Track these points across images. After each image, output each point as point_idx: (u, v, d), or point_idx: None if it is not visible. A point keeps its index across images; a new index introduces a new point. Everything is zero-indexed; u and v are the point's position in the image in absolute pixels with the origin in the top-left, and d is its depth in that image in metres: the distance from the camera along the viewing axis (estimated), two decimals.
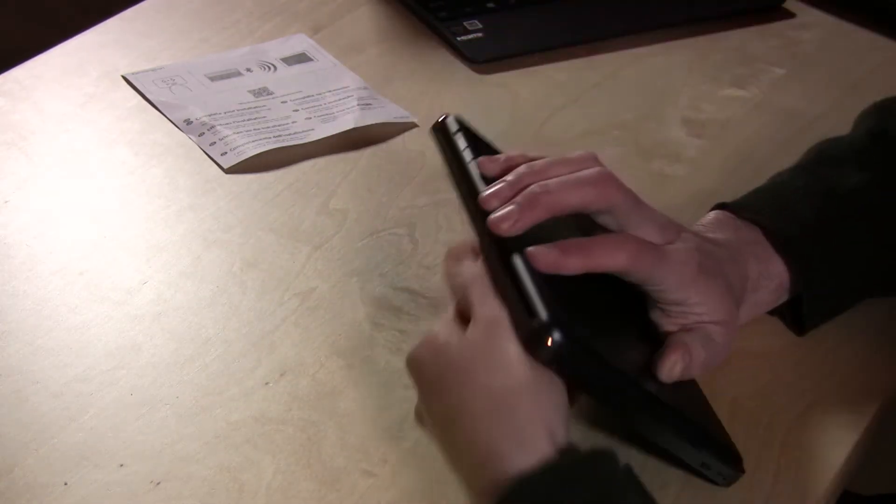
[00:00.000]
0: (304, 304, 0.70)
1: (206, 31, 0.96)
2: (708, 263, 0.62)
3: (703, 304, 0.61)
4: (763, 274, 0.66)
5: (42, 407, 0.62)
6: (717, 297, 0.61)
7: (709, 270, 0.61)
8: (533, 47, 0.96)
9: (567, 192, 0.58)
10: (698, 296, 0.61)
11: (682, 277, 0.60)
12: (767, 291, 0.67)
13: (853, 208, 0.68)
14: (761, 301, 0.67)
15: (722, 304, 0.62)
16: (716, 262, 0.63)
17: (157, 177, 0.80)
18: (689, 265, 0.60)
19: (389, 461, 0.60)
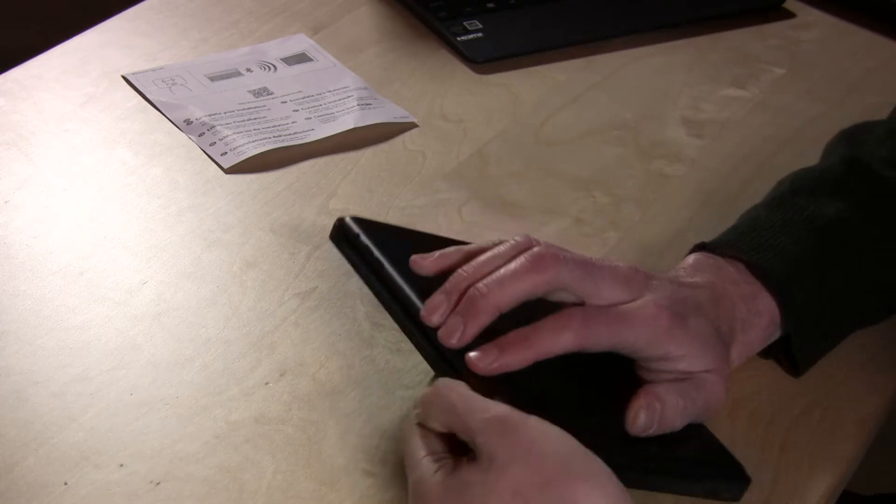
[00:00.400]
0: (304, 304, 0.70)
1: (206, 31, 0.96)
2: (685, 311, 0.59)
3: (686, 356, 0.58)
4: (752, 311, 0.64)
5: (42, 407, 0.62)
6: (700, 345, 0.59)
7: (686, 318, 0.59)
8: (533, 47, 0.96)
9: (507, 287, 0.56)
10: (679, 348, 0.58)
11: (653, 333, 0.58)
12: (759, 329, 0.64)
13: (835, 238, 0.67)
14: (753, 339, 0.64)
15: (707, 352, 0.59)
16: (695, 307, 0.60)
17: (157, 177, 0.80)
18: (661, 318, 0.58)
19: (389, 461, 0.60)
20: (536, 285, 0.57)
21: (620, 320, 0.57)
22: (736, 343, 0.63)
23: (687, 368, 0.59)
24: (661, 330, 0.58)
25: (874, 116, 0.89)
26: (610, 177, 0.82)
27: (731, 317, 0.62)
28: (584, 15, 1.00)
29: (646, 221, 0.78)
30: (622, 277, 0.59)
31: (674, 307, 0.59)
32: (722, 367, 0.60)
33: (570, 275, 0.57)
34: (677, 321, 0.58)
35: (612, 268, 0.59)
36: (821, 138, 0.87)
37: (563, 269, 0.57)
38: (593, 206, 0.79)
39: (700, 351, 0.59)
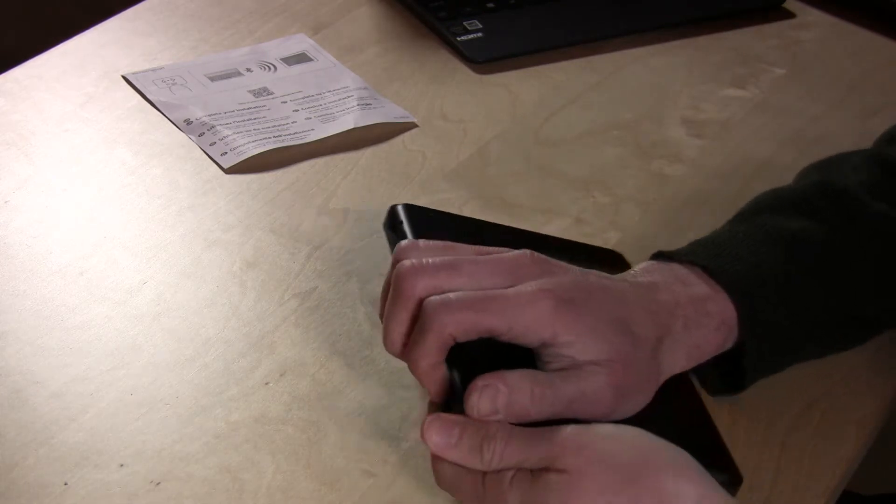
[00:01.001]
0: (304, 304, 0.70)
1: (206, 31, 0.96)
2: (581, 297, 0.56)
3: (574, 343, 0.55)
4: (700, 312, 0.60)
5: (42, 407, 0.62)
6: (590, 332, 0.56)
7: (578, 304, 0.56)
8: (533, 47, 0.96)
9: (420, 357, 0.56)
10: (566, 333, 0.55)
11: (531, 317, 0.55)
12: (707, 330, 0.61)
13: (801, 253, 0.64)
14: (702, 342, 0.61)
15: (598, 340, 0.56)
16: (602, 296, 0.57)
17: (157, 177, 0.80)
18: (540, 301, 0.55)
19: (389, 461, 0.60)
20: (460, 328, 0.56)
21: (486, 305, 0.55)
22: (680, 341, 0.60)
23: (575, 356, 0.56)
24: (542, 313, 0.55)
25: (874, 116, 0.89)
26: (610, 177, 0.82)
27: (667, 314, 0.59)
28: (584, 15, 1.00)
29: (646, 221, 0.78)
30: (504, 265, 0.57)
31: (563, 292, 0.56)
32: (617, 361, 0.56)
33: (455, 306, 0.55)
34: (563, 305, 0.55)
35: (494, 259, 0.57)
36: (821, 138, 0.87)
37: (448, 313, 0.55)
38: (593, 206, 0.79)
39: (590, 338, 0.56)
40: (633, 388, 0.57)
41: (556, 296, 0.55)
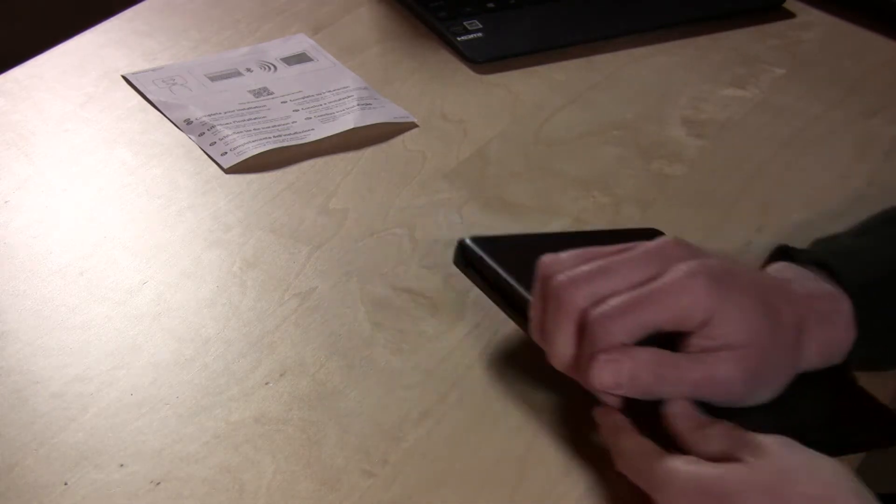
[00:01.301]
0: (304, 304, 0.70)
1: (206, 31, 0.96)
2: (728, 277, 0.56)
3: (723, 322, 0.55)
4: (832, 308, 0.61)
5: (42, 407, 0.62)
6: (739, 313, 0.56)
7: (729, 284, 0.56)
8: (533, 47, 0.96)
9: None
10: (719, 312, 0.55)
11: (692, 299, 0.55)
12: (840, 329, 0.61)
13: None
14: (836, 339, 0.61)
15: (744, 322, 0.56)
16: (746, 279, 0.57)
17: (157, 177, 0.80)
18: (696, 280, 0.55)
19: (389, 461, 0.60)
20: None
21: (646, 303, 0.55)
22: (811, 336, 0.59)
23: (719, 336, 0.55)
24: (698, 293, 0.55)
25: (874, 116, 0.89)
26: (610, 177, 0.82)
27: (803, 306, 0.59)
28: (584, 15, 1.00)
29: (646, 221, 0.78)
30: (651, 255, 0.57)
31: (713, 271, 0.56)
32: (755, 347, 0.56)
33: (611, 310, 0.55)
34: (715, 283, 0.55)
35: (641, 252, 0.57)
36: (821, 138, 0.87)
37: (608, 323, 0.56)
38: (593, 206, 0.79)
39: (738, 319, 0.55)
40: (764, 377, 0.57)
41: (708, 274, 0.55)
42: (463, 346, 0.67)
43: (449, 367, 0.66)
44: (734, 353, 0.56)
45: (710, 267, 0.56)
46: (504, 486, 0.59)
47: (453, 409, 0.63)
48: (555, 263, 0.58)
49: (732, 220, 0.78)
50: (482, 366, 0.65)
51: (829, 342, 0.60)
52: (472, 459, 0.60)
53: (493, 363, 0.65)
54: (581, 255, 0.59)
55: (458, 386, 0.64)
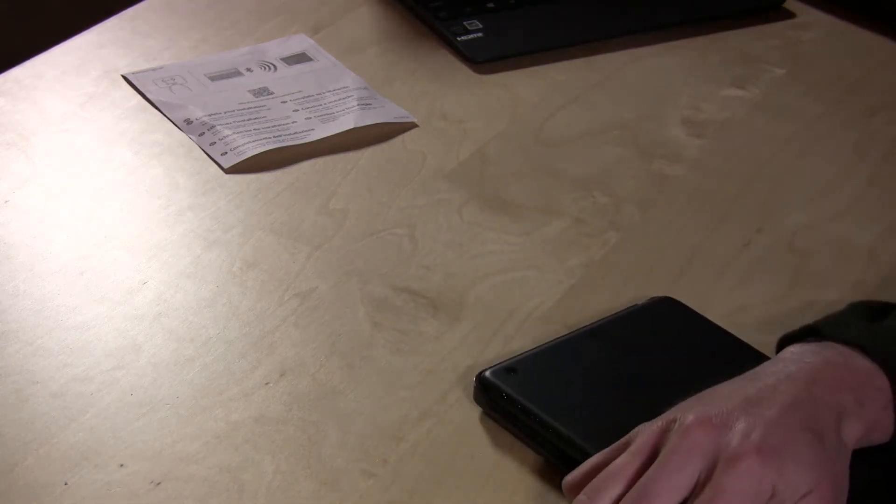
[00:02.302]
0: (304, 304, 0.70)
1: (206, 31, 0.96)
2: (769, 432, 0.54)
3: (790, 484, 0.53)
4: (869, 385, 0.58)
5: (42, 407, 0.62)
6: (795, 465, 0.53)
7: (775, 442, 0.53)
8: (533, 47, 0.96)
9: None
10: (781, 479, 0.53)
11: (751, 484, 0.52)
12: (880, 405, 0.58)
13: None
14: (879, 417, 0.58)
15: (806, 470, 0.54)
16: (780, 415, 0.55)
17: (157, 177, 0.80)
18: (745, 462, 0.52)
19: (389, 461, 0.60)
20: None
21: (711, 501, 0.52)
22: (851, 417, 0.57)
23: (794, 495, 0.53)
24: (753, 477, 0.52)
25: (874, 116, 0.89)
26: (610, 177, 0.82)
27: (836, 391, 0.57)
28: (584, 15, 1.00)
29: (646, 221, 0.78)
30: (678, 464, 0.53)
31: (754, 440, 0.53)
32: (824, 480, 0.54)
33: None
34: (764, 454, 0.53)
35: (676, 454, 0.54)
36: (821, 138, 0.87)
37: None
38: (593, 206, 0.79)
39: (798, 470, 0.53)
40: (841, 493, 0.55)
41: (754, 449, 0.53)
42: (463, 346, 0.67)
43: (449, 367, 0.66)
44: (811, 499, 0.54)
45: (748, 437, 0.54)
46: (504, 487, 0.59)
47: (453, 409, 0.63)
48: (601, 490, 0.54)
49: (732, 220, 0.78)
50: (482, 366, 0.65)
51: (873, 420, 0.58)
52: (472, 459, 0.60)
53: (494, 363, 0.65)
54: (606, 484, 0.55)
55: (458, 386, 0.64)
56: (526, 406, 0.60)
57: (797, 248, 0.76)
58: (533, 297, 0.71)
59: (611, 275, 0.73)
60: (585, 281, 0.72)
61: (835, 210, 0.79)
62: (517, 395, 0.61)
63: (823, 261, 0.75)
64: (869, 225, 0.78)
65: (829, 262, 0.75)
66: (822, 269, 0.74)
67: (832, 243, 0.76)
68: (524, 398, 0.61)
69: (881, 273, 0.75)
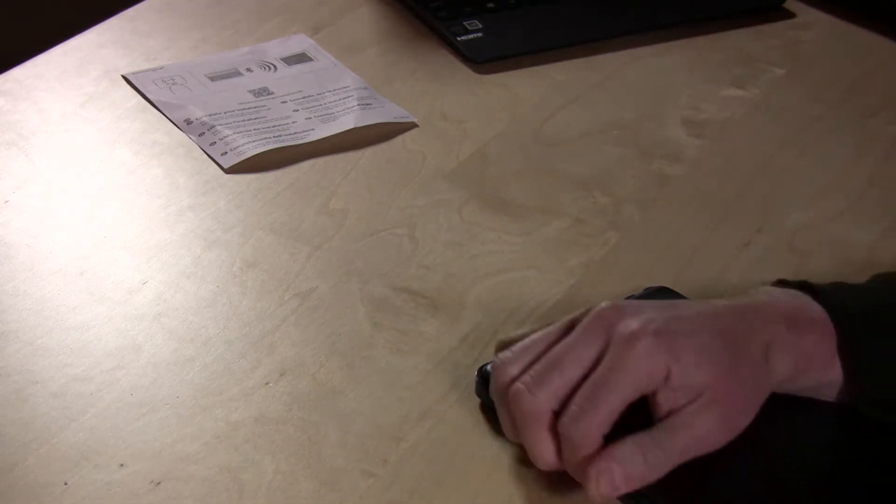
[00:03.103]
0: (304, 304, 0.70)
1: (206, 31, 0.96)
2: (673, 324, 0.56)
3: (684, 374, 0.55)
4: (805, 317, 0.59)
5: (42, 407, 0.62)
6: (694, 357, 0.55)
7: (675, 331, 0.56)
8: (533, 47, 0.96)
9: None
10: (676, 364, 0.55)
11: (644, 364, 0.55)
12: (817, 336, 0.59)
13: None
14: (814, 349, 0.59)
15: (703, 365, 0.55)
16: (693, 317, 0.57)
17: (157, 177, 0.80)
18: (641, 342, 0.55)
19: (389, 461, 0.60)
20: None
21: (602, 393, 0.55)
22: (783, 345, 0.58)
23: (685, 386, 0.55)
24: (646, 356, 0.55)
25: (874, 116, 0.89)
26: (610, 177, 0.82)
27: (768, 317, 0.58)
28: (584, 15, 1.00)
29: (646, 221, 0.78)
30: (592, 329, 0.57)
31: (656, 325, 0.56)
32: (720, 386, 0.55)
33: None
34: (661, 337, 0.55)
35: (581, 330, 0.57)
36: (821, 138, 0.87)
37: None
38: (593, 206, 0.79)
39: (695, 362, 0.55)
40: (738, 408, 0.57)
41: (652, 332, 0.55)
42: (463, 346, 0.67)
43: (449, 367, 0.66)
44: (703, 401, 0.55)
45: (650, 322, 0.56)
46: (504, 487, 0.59)
47: (453, 409, 0.63)
48: (508, 365, 0.58)
49: (732, 220, 0.78)
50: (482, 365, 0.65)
51: (804, 351, 0.59)
52: (471, 459, 0.60)
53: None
54: (529, 349, 0.59)
55: (458, 386, 0.64)
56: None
57: (797, 248, 0.76)
58: (533, 297, 0.71)
59: (611, 275, 0.73)
60: (585, 281, 0.72)
61: (835, 210, 0.79)
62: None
63: (823, 261, 0.75)
64: (869, 225, 0.78)
65: (829, 262, 0.75)
66: (822, 269, 0.74)
67: (832, 243, 0.76)
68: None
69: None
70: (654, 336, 0.55)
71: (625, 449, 0.55)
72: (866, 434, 0.59)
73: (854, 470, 0.58)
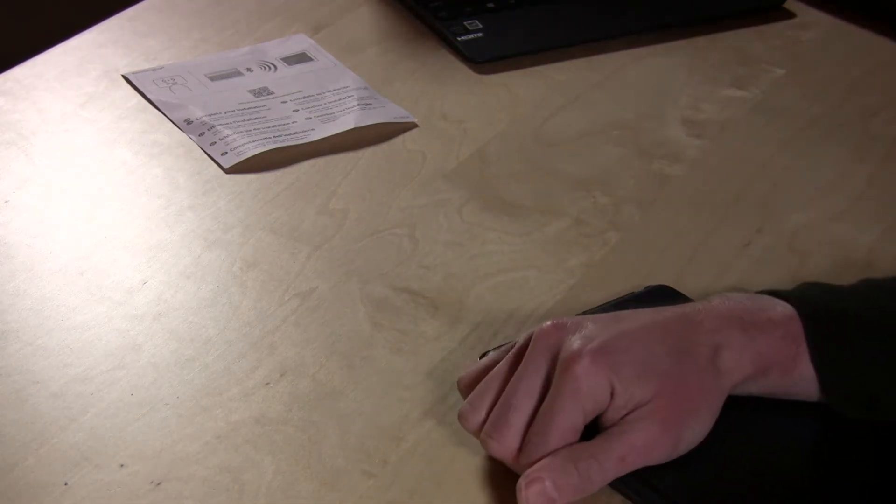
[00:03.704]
0: (304, 304, 0.70)
1: (206, 31, 0.96)
2: (609, 341, 0.56)
3: (625, 391, 0.55)
4: (762, 318, 0.58)
5: (42, 407, 0.62)
6: (633, 373, 0.55)
7: (612, 347, 0.56)
8: (533, 47, 0.96)
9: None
10: (617, 381, 0.55)
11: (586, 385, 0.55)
12: (775, 337, 0.58)
13: (883, 296, 0.61)
14: (770, 348, 0.58)
15: (643, 378, 0.55)
16: (631, 328, 0.57)
17: (157, 177, 0.80)
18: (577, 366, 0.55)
19: (389, 461, 0.60)
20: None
21: (551, 422, 0.56)
22: (736, 348, 0.57)
23: (628, 402, 0.55)
24: (584, 378, 0.55)
25: (874, 116, 0.89)
26: (610, 177, 0.82)
27: (720, 320, 0.58)
28: (584, 15, 1.00)
29: (646, 221, 0.78)
30: (536, 355, 0.58)
31: (591, 344, 0.56)
32: (662, 396, 0.55)
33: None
34: (596, 357, 0.55)
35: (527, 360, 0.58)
36: (821, 138, 0.87)
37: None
38: (593, 206, 0.79)
39: (634, 378, 0.55)
40: (687, 415, 0.56)
41: (589, 351, 0.56)
42: (463, 346, 0.67)
43: (449, 367, 0.65)
44: (643, 410, 0.55)
45: (588, 342, 0.56)
46: (503, 487, 0.59)
47: (453, 409, 0.63)
48: (470, 415, 0.59)
49: (732, 220, 0.78)
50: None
51: (760, 351, 0.58)
52: (471, 460, 0.60)
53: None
54: (484, 393, 0.59)
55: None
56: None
57: (797, 248, 0.76)
58: (533, 298, 0.71)
59: (611, 275, 0.73)
60: (585, 281, 0.72)
61: (835, 210, 0.79)
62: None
63: (823, 261, 0.75)
64: (869, 225, 0.78)
65: (829, 262, 0.75)
66: (822, 269, 0.74)
67: (832, 243, 0.76)
68: None
69: (881, 273, 0.74)
70: (591, 356, 0.55)
71: (556, 461, 0.55)
72: (842, 433, 0.59)
73: (832, 469, 0.58)
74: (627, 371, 0.56)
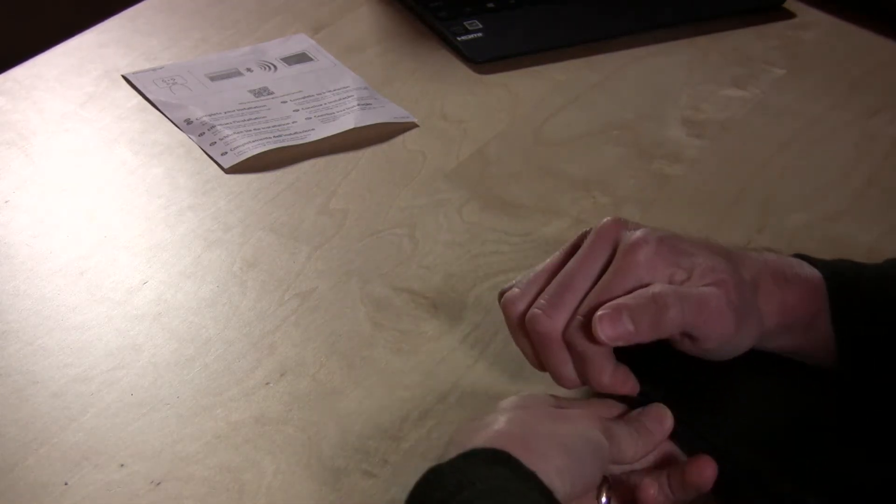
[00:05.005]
0: (304, 304, 0.70)
1: (206, 31, 0.96)
2: (674, 236, 0.57)
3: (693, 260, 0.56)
4: (791, 273, 0.60)
5: (42, 407, 0.62)
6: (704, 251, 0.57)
7: (677, 239, 0.57)
8: (533, 47, 0.96)
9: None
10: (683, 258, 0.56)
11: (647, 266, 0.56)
12: (803, 290, 0.59)
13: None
14: (797, 301, 0.59)
15: (713, 257, 0.56)
16: (694, 238, 0.58)
17: (157, 177, 0.80)
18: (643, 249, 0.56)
19: (389, 461, 0.60)
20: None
21: (608, 283, 0.55)
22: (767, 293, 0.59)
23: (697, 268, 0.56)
24: (649, 257, 0.56)
25: (874, 116, 0.89)
26: (610, 177, 0.82)
27: (756, 266, 0.59)
28: (584, 15, 1.00)
29: (646, 221, 0.77)
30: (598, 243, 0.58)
31: (657, 234, 0.57)
32: (728, 281, 0.56)
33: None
34: (663, 243, 0.56)
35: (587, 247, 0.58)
36: (821, 138, 0.87)
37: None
38: (593, 206, 0.79)
39: (705, 253, 0.56)
40: (744, 313, 0.56)
41: (655, 238, 0.56)
42: (463, 346, 0.67)
43: (449, 367, 0.65)
44: (715, 283, 0.56)
45: (654, 232, 0.57)
46: None
47: (453, 409, 0.63)
48: (517, 299, 0.58)
49: (732, 220, 0.78)
50: (482, 366, 0.65)
51: (787, 303, 0.59)
52: None
53: (493, 363, 0.65)
54: (535, 280, 0.58)
55: (458, 386, 0.64)
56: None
57: (797, 248, 0.76)
58: None
59: None
60: None
61: (835, 210, 0.79)
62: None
63: None
64: (869, 225, 0.78)
65: None
66: None
67: (832, 243, 0.76)
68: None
69: None
70: (657, 243, 0.56)
71: (631, 298, 0.55)
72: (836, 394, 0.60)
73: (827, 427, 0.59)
74: (697, 257, 0.56)
